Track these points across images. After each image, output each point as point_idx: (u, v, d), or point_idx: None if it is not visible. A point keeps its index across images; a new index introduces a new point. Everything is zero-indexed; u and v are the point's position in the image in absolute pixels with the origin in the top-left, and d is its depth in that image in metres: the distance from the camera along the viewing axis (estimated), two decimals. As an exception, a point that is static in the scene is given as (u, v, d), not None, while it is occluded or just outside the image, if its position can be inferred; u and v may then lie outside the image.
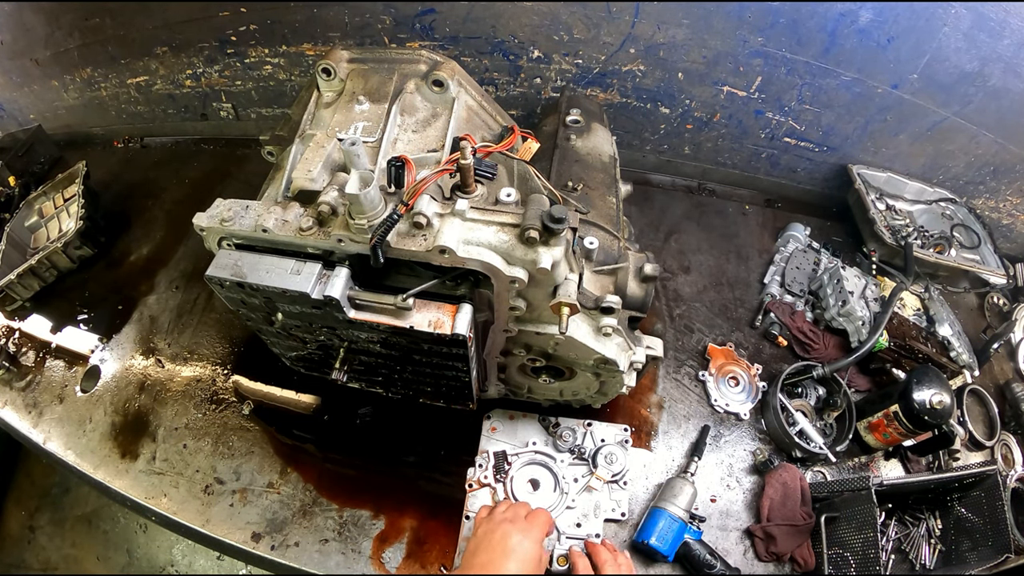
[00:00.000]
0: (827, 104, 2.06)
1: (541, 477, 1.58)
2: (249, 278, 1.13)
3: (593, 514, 1.53)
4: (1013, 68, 1.82)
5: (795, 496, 1.54)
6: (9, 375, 1.95)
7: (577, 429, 1.65)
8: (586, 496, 1.55)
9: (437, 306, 1.16)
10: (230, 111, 2.59)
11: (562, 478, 1.56)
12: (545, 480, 1.57)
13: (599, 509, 1.53)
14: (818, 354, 1.85)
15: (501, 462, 1.59)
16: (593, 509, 1.53)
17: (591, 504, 1.54)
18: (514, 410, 1.68)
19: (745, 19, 1.84)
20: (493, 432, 1.65)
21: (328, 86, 1.41)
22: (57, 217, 2.29)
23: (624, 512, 1.55)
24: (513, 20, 1.96)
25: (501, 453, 1.60)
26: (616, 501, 1.56)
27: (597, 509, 1.53)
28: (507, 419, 1.67)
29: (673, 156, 2.39)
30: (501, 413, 1.68)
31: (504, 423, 1.66)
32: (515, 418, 1.67)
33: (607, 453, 1.59)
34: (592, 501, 1.54)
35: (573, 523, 1.51)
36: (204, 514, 1.59)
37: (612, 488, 1.57)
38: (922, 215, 2.25)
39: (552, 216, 1.03)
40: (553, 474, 1.57)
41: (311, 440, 1.71)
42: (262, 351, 1.59)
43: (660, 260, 1.37)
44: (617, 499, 1.56)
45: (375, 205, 1.07)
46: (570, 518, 1.52)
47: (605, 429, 1.66)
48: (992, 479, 1.50)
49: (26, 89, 2.74)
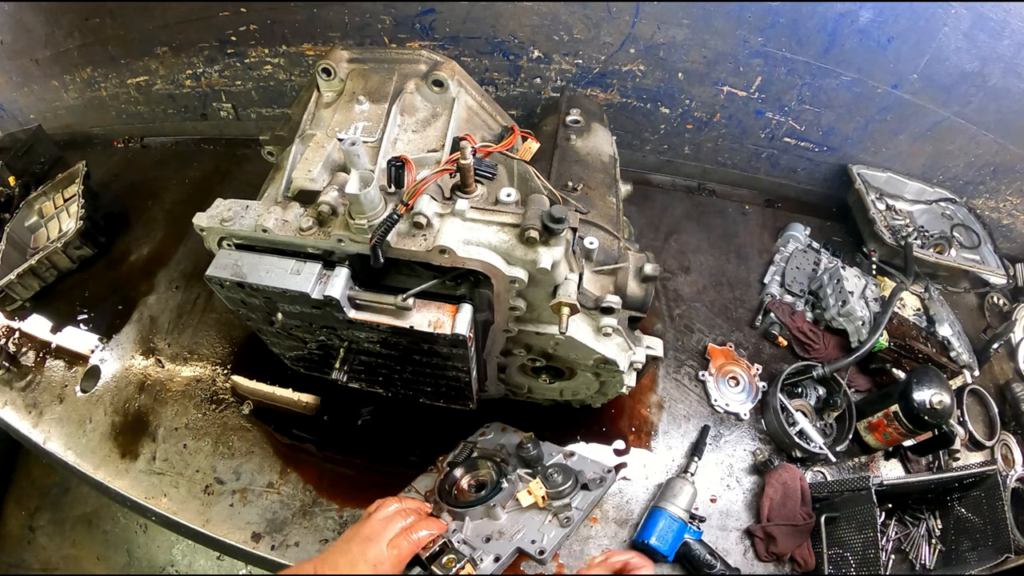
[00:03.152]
0: (827, 104, 2.06)
1: (488, 482, 1.43)
2: (249, 278, 1.14)
3: (508, 536, 1.29)
4: (1013, 68, 1.82)
5: (795, 496, 1.54)
6: (9, 375, 1.94)
7: (555, 455, 1.47)
8: (515, 514, 1.33)
9: (437, 306, 1.16)
10: (230, 111, 2.59)
11: (504, 486, 1.39)
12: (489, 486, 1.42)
13: (518, 534, 1.29)
14: (818, 354, 1.85)
15: (464, 454, 1.52)
16: (514, 530, 1.30)
17: (515, 523, 1.32)
18: (514, 423, 1.63)
19: (745, 19, 1.84)
20: (481, 436, 1.62)
21: (328, 86, 1.41)
22: (57, 217, 2.29)
23: (543, 551, 1.29)
24: (513, 20, 1.96)
25: (470, 447, 1.55)
26: (542, 535, 1.29)
27: (517, 533, 1.29)
28: (499, 430, 1.62)
29: (673, 156, 2.39)
30: (497, 426, 1.64)
31: (497, 432, 1.62)
32: (506, 431, 1.61)
33: (553, 470, 1.35)
34: (521, 521, 1.32)
35: (483, 534, 1.31)
36: (204, 514, 1.59)
37: (548, 518, 1.31)
38: (922, 215, 2.25)
39: (552, 216, 1.03)
40: (498, 482, 1.40)
41: (311, 440, 1.71)
42: (262, 351, 1.60)
43: (660, 260, 1.37)
44: (546, 535, 1.29)
45: (375, 205, 1.07)
46: (483, 528, 1.32)
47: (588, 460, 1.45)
48: (992, 479, 1.50)
49: (26, 89, 2.74)
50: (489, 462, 1.47)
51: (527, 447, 1.42)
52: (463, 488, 1.44)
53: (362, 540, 1.13)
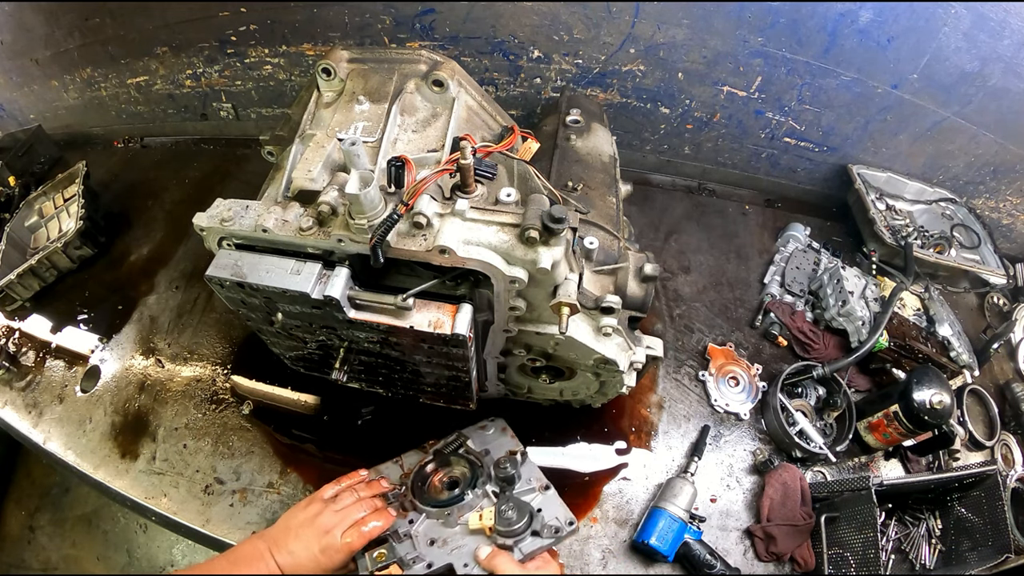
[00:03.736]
0: (827, 104, 2.06)
1: (461, 483, 1.37)
2: (249, 278, 1.14)
3: (449, 549, 1.24)
4: (1013, 68, 1.82)
5: (795, 496, 1.54)
6: (9, 375, 1.94)
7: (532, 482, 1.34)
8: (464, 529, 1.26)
9: (437, 306, 1.16)
10: (230, 111, 2.59)
11: (467, 495, 1.32)
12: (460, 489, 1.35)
13: (458, 550, 1.23)
14: (818, 354, 1.85)
15: (452, 445, 1.47)
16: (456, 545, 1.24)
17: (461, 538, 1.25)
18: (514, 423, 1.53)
19: (745, 19, 1.84)
20: (481, 429, 1.54)
21: (328, 86, 1.41)
22: (57, 217, 2.29)
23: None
24: (513, 20, 1.96)
25: (461, 440, 1.49)
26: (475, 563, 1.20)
27: (457, 549, 1.23)
28: (499, 430, 1.53)
29: (673, 156, 2.39)
30: (499, 424, 1.55)
31: (496, 432, 1.53)
32: (504, 433, 1.52)
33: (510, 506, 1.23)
34: (466, 539, 1.25)
35: (430, 536, 1.27)
36: (204, 514, 1.59)
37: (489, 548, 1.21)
38: (922, 215, 2.25)
39: (552, 216, 1.03)
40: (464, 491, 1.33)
41: (311, 440, 1.71)
42: (262, 351, 1.59)
43: (660, 260, 1.37)
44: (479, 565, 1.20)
45: (375, 205, 1.07)
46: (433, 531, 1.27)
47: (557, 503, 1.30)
48: (992, 479, 1.50)
49: (26, 89, 2.74)
50: (468, 464, 1.41)
51: (505, 466, 1.32)
52: (435, 483, 1.41)
53: (318, 529, 1.18)
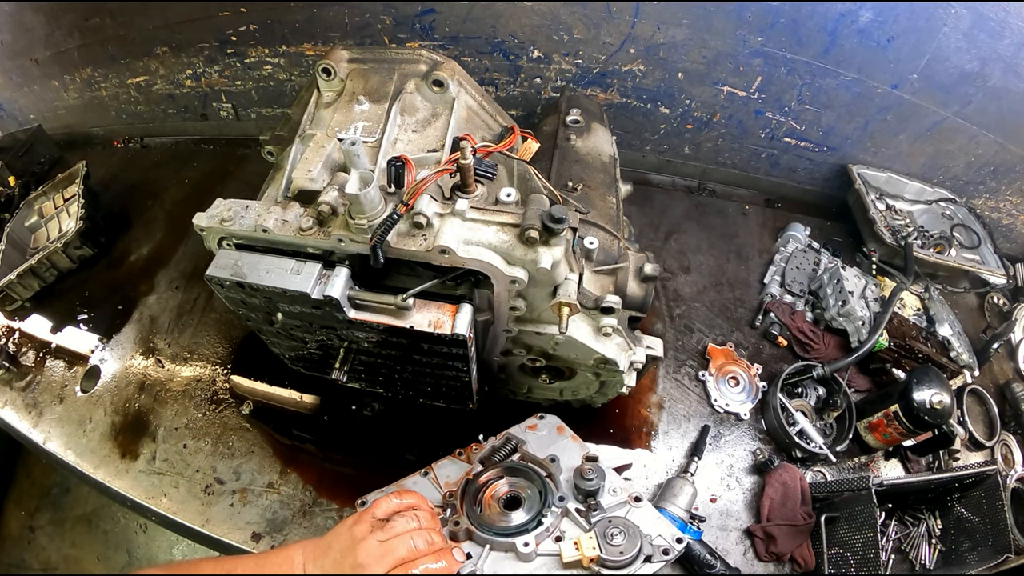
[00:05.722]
0: (827, 104, 2.06)
1: (525, 501, 1.13)
2: (249, 278, 1.14)
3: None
4: (1013, 68, 1.82)
5: (795, 496, 1.54)
6: (9, 375, 1.94)
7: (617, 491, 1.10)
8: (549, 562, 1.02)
9: (437, 306, 1.16)
10: (230, 111, 2.59)
11: (544, 516, 1.08)
12: (527, 507, 1.12)
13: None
14: (818, 354, 1.85)
15: (504, 451, 1.23)
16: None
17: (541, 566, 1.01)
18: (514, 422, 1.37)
19: (745, 19, 1.84)
20: (532, 430, 1.28)
21: (328, 86, 1.41)
22: (57, 217, 2.29)
23: None
24: (513, 20, 1.96)
25: (513, 444, 1.23)
26: None
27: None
28: (553, 430, 1.29)
29: (673, 156, 2.39)
30: (552, 423, 1.32)
31: (550, 432, 1.28)
32: (563, 434, 1.30)
33: (617, 528, 1.01)
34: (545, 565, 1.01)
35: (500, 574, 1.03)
36: (204, 514, 1.59)
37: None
38: (922, 215, 2.25)
39: (552, 216, 1.03)
40: (540, 509, 1.09)
41: (311, 440, 1.71)
42: (262, 351, 1.59)
43: (660, 260, 1.37)
44: None
45: (375, 205, 1.07)
46: (503, 566, 1.03)
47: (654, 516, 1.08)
48: (992, 479, 1.50)
49: (26, 89, 2.74)
50: (534, 476, 1.15)
51: (590, 477, 1.07)
52: (490, 500, 1.14)
53: (353, 561, 0.94)
